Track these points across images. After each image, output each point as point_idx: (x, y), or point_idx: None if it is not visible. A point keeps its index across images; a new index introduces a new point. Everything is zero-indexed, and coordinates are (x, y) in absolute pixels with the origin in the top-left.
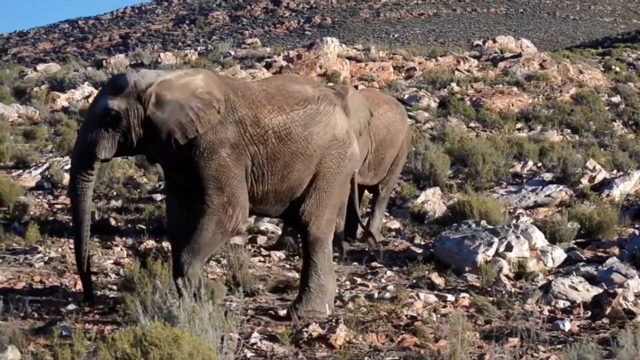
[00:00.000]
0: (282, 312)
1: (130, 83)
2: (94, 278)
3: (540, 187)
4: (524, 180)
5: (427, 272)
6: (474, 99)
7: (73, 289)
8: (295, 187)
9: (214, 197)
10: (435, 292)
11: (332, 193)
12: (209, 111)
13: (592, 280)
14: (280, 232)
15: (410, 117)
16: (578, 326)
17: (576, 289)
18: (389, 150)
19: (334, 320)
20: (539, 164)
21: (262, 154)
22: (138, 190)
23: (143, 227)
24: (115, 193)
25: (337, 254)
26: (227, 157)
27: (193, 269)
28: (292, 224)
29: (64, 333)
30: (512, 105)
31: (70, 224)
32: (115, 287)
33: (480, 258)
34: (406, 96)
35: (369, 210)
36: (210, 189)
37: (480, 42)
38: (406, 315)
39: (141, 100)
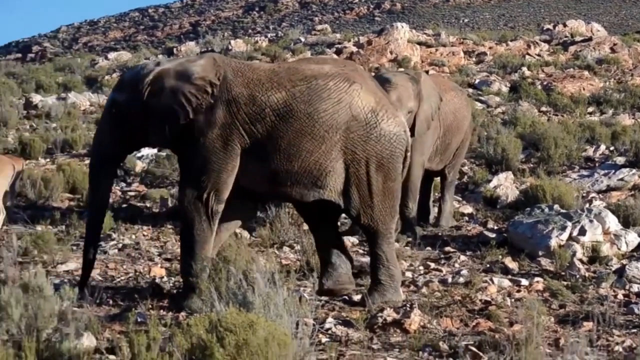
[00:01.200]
0: (357, 297)
1: (132, 75)
2: (167, 264)
3: (613, 170)
4: (597, 164)
5: (500, 257)
6: (545, 83)
7: (147, 276)
8: (314, 170)
9: (188, 189)
10: (509, 276)
11: (370, 181)
12: (201, 96)
13: None
14: None
15: (481, 101)
16: None
17: None
18: (455, 136)
19: (408, 305)
20: (611, 148)
21: (262, 132)
22: None
23: None
24: None
25: (410, 239)
26: (215, 139)
27: (200, 265)
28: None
29: (139, 319)
30: (583, 89)
31: (144, 212)
32: None
33: (553, 242)
34: (477, 81)
35: (438, 195)
36: (187, 179)
37: (550, 27)
38: (480, 300)
39: (141, 90)
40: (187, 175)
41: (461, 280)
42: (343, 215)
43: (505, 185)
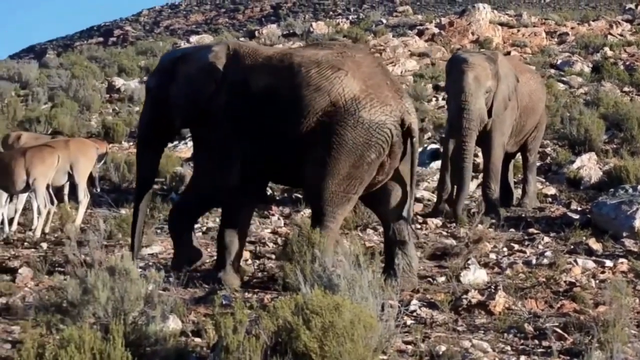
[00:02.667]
0: (441, 279)
1: (160, 61)
2: (251, 247)
3: None
4: None
5: (584, 238)
6: (627, 63)
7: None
8: (297, 154)
9: (202, 174)
10: (593, 257)
11: (335, 163)
12: (208, 83)
13: None
14: (435, 200)
15: (563, 82)
16: None
17: None
18: (529, 118)
19: (493, 287)
20: None
21: (254, 117)
22: None
23: (299, 195)
24: None
25: (494, 221)
26: (216, 124)
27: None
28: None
29: (224, 302)
30: None
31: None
32: (273, 256)
33: (637, 223)
34: (559, 61)
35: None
36: (198, 167)
37: (632, 6)
38: (565, 281)
39: (166, 76)
40: (199, 161)
41: (545, 261)
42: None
43: (589, 166)
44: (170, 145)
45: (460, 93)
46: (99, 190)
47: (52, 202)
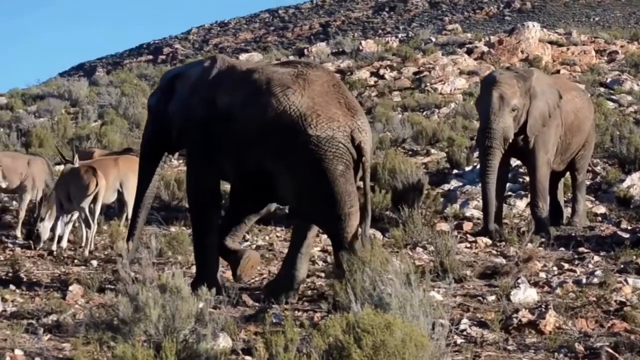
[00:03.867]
0: (491, 298)
1: (161, 79)
2: None
3: None
4: None
5: (634, 257)
6: None
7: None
8: (257, 173)
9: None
10: None
11: (302, 184)
12: (195, 100)
13: None
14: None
15: (613, 100)
16: None
17: None
18: (575, 136)
19: (543, 306)
20: None
21: (222, 134)
22: None
23: None
24: None
25: (543, 240)
26: (195, 140)
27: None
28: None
29: (274, 320)
30: None
31: (277, 213)
32: (322, 274)
33: None
34: (608, 80)
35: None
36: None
37: None
38: (615, 301)
39: (164, 93)
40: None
41: (595, 280)
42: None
43: (639, 185)
44: None
45: (484, 112)
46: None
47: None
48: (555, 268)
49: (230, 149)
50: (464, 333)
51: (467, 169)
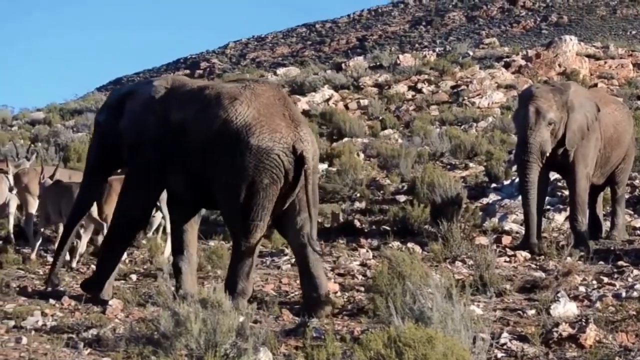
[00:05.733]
0: (531, 312)
1: (110, 97)
2: (340, 280)
3: None
4: None
5: None
6: None
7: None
8: (205, 181)
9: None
10: None
11: (234, 191)
12: (147, 117)
13: None
14: (523, 232)
15: None
16: None
17: None
18: (615, 150)
19: (583, 320)
20: None
21: (177, 148)
22: (381, 191)
23: (387, 228)
24: (358, 195)
25: (583, 253)
26: (147, 155)
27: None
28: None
29: (314, 334)
30: None
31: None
32: (362, 288)
33: None
34: None
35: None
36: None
37: None
38: None
39: (114, 111)
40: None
41: (635, 294)
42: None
43: None
44: None
45: (521, 126)
46: None
47: None
48: (594, 282)
49: (182, 163)
50: (505, 347)
51: (506, 182)
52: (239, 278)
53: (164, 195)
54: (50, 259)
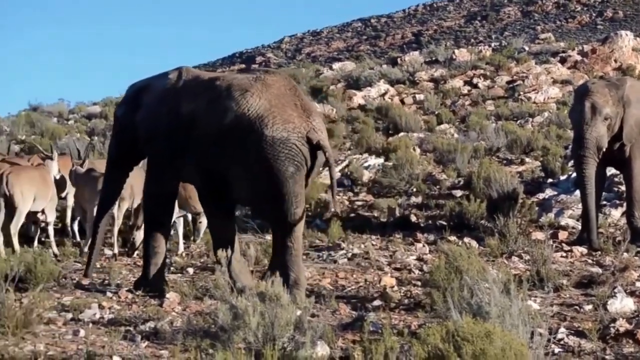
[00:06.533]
0: (588, 307)
1: (127, 91)
2: (397, 274)
3: None
4: None
5: None
6: None
7: (377, 285)
8: (221, 173)
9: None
10: None
11: (256, 182)
12: (160, 109)
13: None
14: (580, 228)
15: None
16: None
17: None
18: None
19: None
20: None
21: (186, 140)
22: (437, 186)
23: (444, 223)
24: (415, 189)
25: (639, 249)
26: (160, 147)
27: None
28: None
29: (371, 328)
30: None
31: (372, 221)
32: (419, 283)
33: None
34: None
35: None
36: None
37: None
38: None
39: (131, 105)
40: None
41: None
42: None
43: None
44: None
45: (577, 122)
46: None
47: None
48: None
49: (194, 154)
50: (562, 342)
51: (562, 178)
52: (288, 269)
53: None
54: (107, 252)
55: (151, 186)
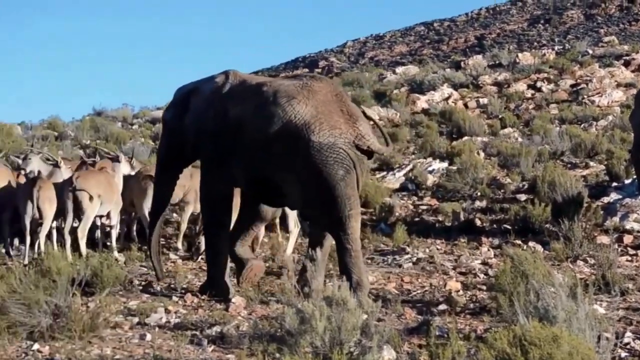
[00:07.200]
0: None
1: (175, 94)
2: (462, 278)
3: None
4: None
5: None
6: None
7: (443, 289)
8: (269, 178)
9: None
10: None
11: (307, 187)
12: (208, 113)
13: None
14: None
15: None
16: None
17: None
18: None
19: None
20: None
21: (233, 143)
22: (502, 190)
23: (508, 227)
24: (479, 194)
25: None
26: (209, 151)
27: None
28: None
29: (437, 333)
30: None
31: (437, 225)
32: (484, 287)
33: None
34: None
35: None
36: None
37: None
38: None
39: (179, 108)
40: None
41: None
42: None
43: None
44: (378, 175)
45: (637, 125)
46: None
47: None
48: None
49: (241, 158)
50: (628, 347)
51: (627, 181)
52: (349, 272)
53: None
54: (172, 256)
55: (205, 189)
